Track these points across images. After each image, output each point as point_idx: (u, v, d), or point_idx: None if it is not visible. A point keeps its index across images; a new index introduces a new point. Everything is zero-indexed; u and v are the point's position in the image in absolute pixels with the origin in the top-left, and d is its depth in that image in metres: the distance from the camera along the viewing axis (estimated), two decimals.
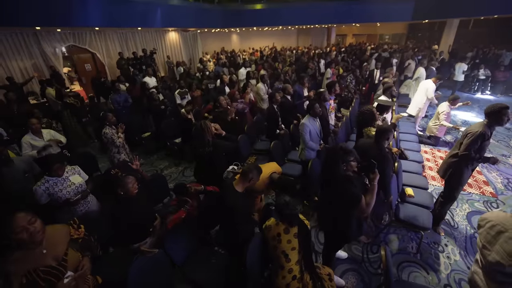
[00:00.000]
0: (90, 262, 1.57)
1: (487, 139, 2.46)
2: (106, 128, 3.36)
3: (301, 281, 1.78)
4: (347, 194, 1.81)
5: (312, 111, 2.91)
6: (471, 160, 2.54)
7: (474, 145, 2.44)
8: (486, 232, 1.44)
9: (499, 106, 2.36)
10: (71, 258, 1.47)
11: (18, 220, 1.31)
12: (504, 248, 1.32)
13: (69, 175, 2.19)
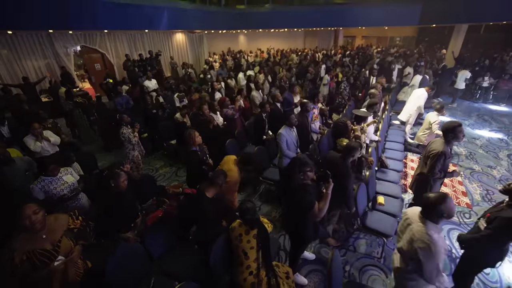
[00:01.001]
0: (80, 250, 1.86)
1: (448, 157, 2.61)
2: (123, 128, 3.81)
3: (257, 277, 2.01)
4: (301, 201, 2.03)
5: (288, 122, 3.13)
6: (437, 179, 2.70)
7: (438, 165, 2.59)
8: (401, 224, 1.79)
9: (453, 124, 2.53)
10: (64, 245, 1.75)
11: (27, 209, 1.60)
12: (407, 237, 1.63)
13: (63, 175, 2.51)
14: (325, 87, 7.40)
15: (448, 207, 1.55)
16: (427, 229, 1.58)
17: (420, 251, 1.57)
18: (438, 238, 1.55)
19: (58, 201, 2.44)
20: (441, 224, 1.71)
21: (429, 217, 1.61)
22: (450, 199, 1.58)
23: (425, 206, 1.64)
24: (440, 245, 1.53)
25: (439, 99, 8.93)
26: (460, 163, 4.83)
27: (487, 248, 1.97)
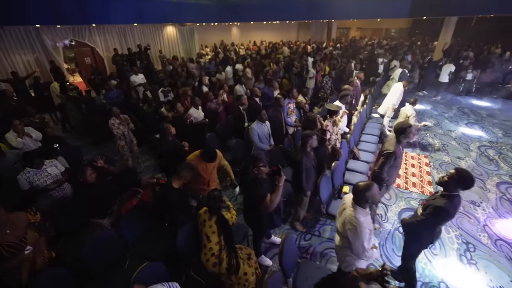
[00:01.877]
0: (45, 241, 2.09)
1: (399, 156, 2.82)
2: (112, 119, 4.09)
3: (218, 258, 2.25)
4: (254, 193, 2.26)
5: (259, 117, 3.33)
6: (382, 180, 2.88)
7: (388, 164, 2.79)
8: (339, 208, 2.03)
9: (404, 125, 2.74)
10: (30, 237, 1.98)
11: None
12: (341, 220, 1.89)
13: (47, 167, 2.71)
14: (311, 80, 7.54)
15: (372, 194, 1.77)
16: (356, 213, 1.81)
17: (349, 232, 1.81)
18: (364, 220, 1.79)
19: (42, 191, 2.65)
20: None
21: (358, 203, 1.84)
22: (375, 187, 1.80)
23: (354, 193, 1.87)
24: (365, 226, 1.76)
25: (424, 92, 9.14)
26: (432, 154, 5.08)
27: (421, 231, 2.21)
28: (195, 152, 2.76)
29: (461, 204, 2.11)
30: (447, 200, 2.00)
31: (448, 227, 3.32)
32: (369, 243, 1.85)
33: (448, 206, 1.97)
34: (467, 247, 3.04)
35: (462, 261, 2.86)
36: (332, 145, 3.50)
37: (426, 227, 2.17)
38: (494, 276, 2.69)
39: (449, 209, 1.97)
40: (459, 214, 3.52)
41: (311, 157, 2.75)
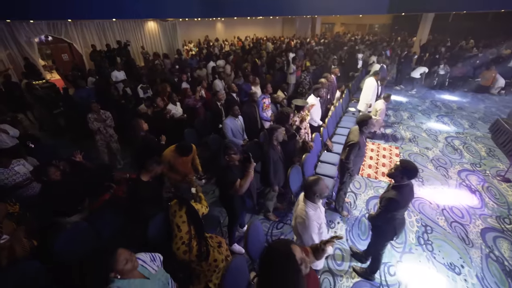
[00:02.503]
0: (23, 231, 2.13)
1: (362, 146, 3.01)
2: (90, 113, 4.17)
3: (188, 246, 2.36)
4: (224, 179, 2.38)
5: (232, 112, 3.44)
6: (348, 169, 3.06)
7: (353, 153, 2.97)
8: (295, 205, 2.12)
9: (366, 117, 2.92)
10: (6, 226, 2.02)
11: None
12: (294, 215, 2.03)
13: (15, 166, 2.72)
14: (291, 76, 7.69)
15: (320, 188, 1.88)
16: (306, 207, 1.92)
17: (298, 226, 1.94)
18: (313, 214, 1.90)
19: (11, 189, 2.66)
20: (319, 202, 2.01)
21: (308, 197, 1.95)
22: (322, 182, 1.91)
23: (304, 188, 1.98)
24: (313, 219, 1.87)
25: (401, 86, 9.49)
26: (403, 145, 5.36)
27: (381, 224, 2.36)
28: (171, 146, 2.84)
29: (413, 192, 2.27)
30: (397, 191, 2.14)
31: (411, 212, 3.57)
32: (319, 237, 1.95)
33: (397, 197, 2.10)
34: (425, 229, 3.29)
35: (420, 242, 3.11)
36: (302, 139, 3.66)
37: (385, 220, 2.29)
38: (446, 253, 2.94)
39: (399, 200, 2.10)
40: (421, 200, 3.78)
41: (278, 151, 2.89)
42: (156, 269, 1.70)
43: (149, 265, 1.68)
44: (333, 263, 2.88)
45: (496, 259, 2.88)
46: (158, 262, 1.78)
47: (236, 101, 4.76)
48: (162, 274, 1.74)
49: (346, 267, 2.84)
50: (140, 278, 1.57)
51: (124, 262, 1.45)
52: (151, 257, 1.75)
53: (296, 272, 1.17)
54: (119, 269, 1.43)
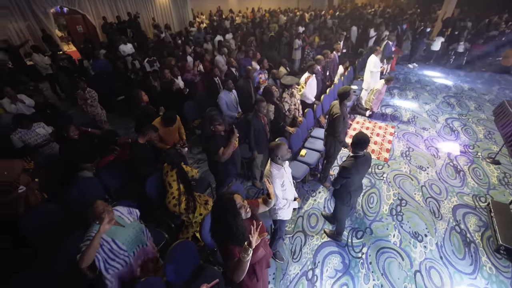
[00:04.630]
0: (37, 184, 2.61)
1: (346, 117, 3.19)
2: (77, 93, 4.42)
3: (178, 200, 2.78)
4: (209, 147, 2.71)
5: (226, 86, 3.67)
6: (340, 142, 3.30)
7: (340, 125, 3.17)
8: None
9: (346, 89, 3.06)
10: (23, 179, 2.50)
11: None
12: None
13: (36, 128, 3.18)
14: (297, 51, 7.62)
15: (280, 151, 2.16)
16: (271, 167, 2.22)
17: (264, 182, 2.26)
18: (276, 174, 2.19)
19: (34, 148, 3.15)
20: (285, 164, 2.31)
21: (272, 159, 2.24)
22: (284, 147, 2.17)
23: (269, 151, 2.27)
24: (276, 177, 2.17)
25: (414, 64, 9.13)
26: (399, 125, 5.41)
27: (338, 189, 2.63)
28: (157, 118, 3.19)
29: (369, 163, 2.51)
30: (351, 161, 2.40)
31: (390, 187, 3.80)
32: (283, 193, 2.26)
33: (349, 165, 2.37)
34: (400, 202, 3.53)
35: (392, 213, 3.38)
36: (292, 114, 3.86)
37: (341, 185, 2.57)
38: (413, 224, 3.21)
39: (350, 167, 2.36)
40: (403, 177, 3.98)
41: (261, 121, 3.15)
42: (131, 220, 2.05)
43: (126, 216, 2.03)
44: (308, 225, 3.25)
45: (459, 231, 3.12)
46: (135, 215, 2.13)
47: (233, 76, 4.94)
48: (137, 225, 2.08)
49: (318, 229, 3.20)
50: (115, 225, 1.91)
51: (101, 211, 1.77)
52: (129, 210, 2.10)
53: (235, 214, 1.50)
54: (97, 216, 1.77)
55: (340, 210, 2.76)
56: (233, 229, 1.47)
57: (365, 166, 2.48)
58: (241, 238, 1.48)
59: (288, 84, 3.68)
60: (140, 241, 2.08)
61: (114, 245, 1.83)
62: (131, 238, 1.97)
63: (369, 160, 2.50)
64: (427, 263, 2.78)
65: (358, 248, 2.96)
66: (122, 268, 1.92)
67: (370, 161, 2.54)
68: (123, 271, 1.94)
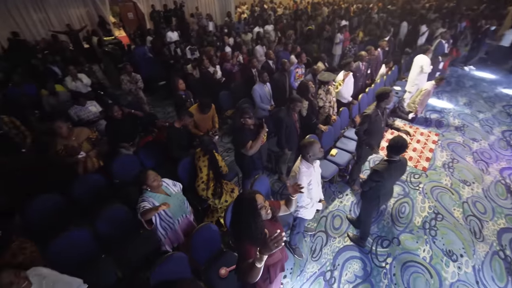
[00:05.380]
0: (95, 153, 2.92)
1: (374, 120, 2.98)
2: (123, 74, 4.69)
3: (206, 185, 2.91)
4: (237, 139, 2.77)
5: (261, 78, 3.68)
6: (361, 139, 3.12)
7: (363, 126, 3.01)
8: None
9: (385, 90, 2.86)
10: (84, 146, 2.82)
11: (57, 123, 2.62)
12: None
13: (88, 106, 3.54)
14: (337, 46, 7.29)
15: (312, 149, 2.11)
16: (300, 164, 2.19)
17: (291, 178, 2.25)
18: (305, 171, 2.16)
19: (86, 123, 3.52)
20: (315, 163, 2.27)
21: (303, 156, 2.21)
22: (316, 145, 2.12)
23: (300, 148, 2.23)
24: (303, 175, 2.14)
25: (471, 67, 8.18)
26: (445, 133, 4.95)
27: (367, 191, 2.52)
28: (194, 105, 3.33)
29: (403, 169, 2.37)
30: (384, 165, 2.27)
31: (426, 198, 3.54)
32: (308, 191, 2.23)
33: (381, 169, 2.25)
34: (436, 216, 3.28)
35: (424, 226, 3.15)
36: (326, 112, 3.75)
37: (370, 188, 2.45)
38: (448, 241, 2.97)
39: (382, 171, 2.24)
40: (442, 189, 3.67)
41: (293, 119, 3.11)
42: (175, 191, 2.30)
43: (171, 187, 2.28)
44: (331, 226, 3.19)
45: (504, 258, 2.81)
46: (178, 187, 2.38)
47: (270, 68, 4.91)
48: (180, 195, 2.36)
49: (342, 232, 3.12)
50: (163, 194, 2.16)
51: (152, 180, 2.02)
52: (173, 182, 2.35)
53: (255, 214, 1.48)
54: (148, 184, 2.00)
55: (366, 213, 2.67)
56: (251, 228, 1.46)
57: (398, 172, 2.35)
58: (259, 239, 1.46)
59: (324, 81, 3.57)
60: (183, 211, 2.36)
61: (163, 211, 2.10)
62: (176, 207, 2.23)
63: (404, 166, 2.36)
64: (460, 285, 2.57)
65: (382, 257, 2.84)
66: (171, 230, 2.26)
67: (405, 168, 2.40)
68: (170, 234, 2.29)
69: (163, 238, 2.24)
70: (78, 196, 2.78)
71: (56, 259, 2.15)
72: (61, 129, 2.63)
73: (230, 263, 2.35)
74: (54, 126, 2.61)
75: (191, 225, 2.50)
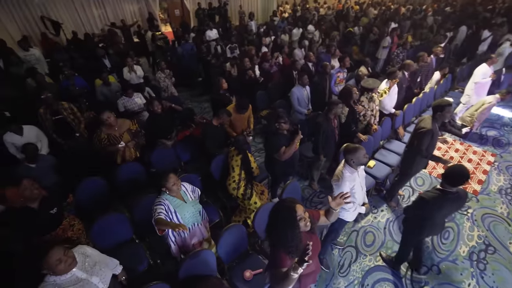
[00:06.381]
0: (134, 144, 3.11)
1: (436, 135, 2.72)
2: (158, 72, 4.95)
3: (237, 184, 2.93)
4: (271, 143, 2.73)
5: (300, 81, 3.58)
6: (423, 156, 2.84)
7: (425, 143, 2.74)
8: None
9: (443, 102, 2.57)
10: (125, 137, 3.01)
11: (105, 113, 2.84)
12: None
13: (135, 98, 3.78)
14: (384, 50, 6.84)
15: (356, 156, 2.00)
16: (344, 168, 2.09)
17: (333, 183, 2.15)
18: (348, 176, 2.05)
19: (131, 114, 3.77)
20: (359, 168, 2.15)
21: (346, 161, 2.10)
22: (361, 151, 1.99)
23: (343, 153, 2.12)
24: (346, 180, 2.04)
25: None
26: (503, 154, 4.37)
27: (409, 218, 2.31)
28: (231, 104, 3.36)
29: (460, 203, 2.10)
30: (435, 194, 2.01)
31: (475, 226, 3.16)
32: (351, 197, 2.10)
33: (431, 198, 1.99)
34: (486, 248, 2.91)
35: (471, 257, 2.82)
36: (367, 120, 3.54)
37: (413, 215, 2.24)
38: (500, 278, 2.61)
39: (430, 202, 1.98)
40: (496, 218, 3.24)
41: (332, 125, 2.97)
42: (193, 198, 2.29)
43: (189, 193, 2.27)
44: (362, 242, 3.01)
45: None
46: (197, 194, 2.36)
47: (309, 71, 4.78)
48: (196, 204, 2.32)
49: (374, 250, 2.92)
50: (180, 199, 2.17)
51: (172, 183, 2.02)
52: (192, 188, 2.33)
53: (294, 225, 1.42)
54: (168, 186, 2.03)
55: (406, 241, 2.44)
56: (287, 239, 1.41)
57: (454, 206, 2.09)
58: (295, 250, 1.42)
59: (369, 88, 3.36)
60: (196, 220, 2.30)
61: (175, 216, 2.08)
62: (189, 215, 2.21)
63: (463, 200, 2.07)
64: None
65: (418, 285, 2.60)
66: (180, 238, 2.21)
67: (463, 202, 2.12)
68: (179, 241, 2.24)
69: (172, 245, 2.21)
70: (119, 182, 2.99)
71: (97, 238, 2.34)
72: (109, 119, 2.84)
73: (255, 266, 2.33)
74: (103, 115, 2.82)
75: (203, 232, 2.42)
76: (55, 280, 1.45)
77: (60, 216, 2.16)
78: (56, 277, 1.45)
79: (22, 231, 1.91)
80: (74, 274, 1.49)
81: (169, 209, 2.06)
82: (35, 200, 2.01)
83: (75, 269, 1.50)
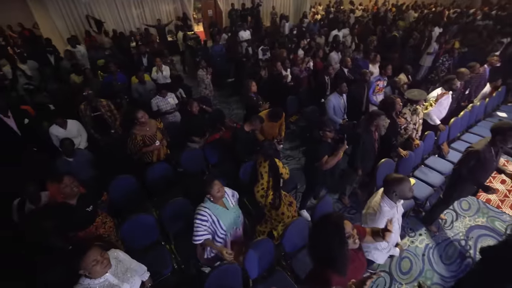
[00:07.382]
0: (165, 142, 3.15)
1: (484, 160, 2.35)
2: (200, 70, 4.93)
3: (266, 192, 2.82)
4: (314, 151, 2.60)
5: (339, 89, 3.38)
6: (462, 178, 2.53)
7: (466, 163, 2.43)
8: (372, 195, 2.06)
9: (505, 125, 2.23)
10: (158, 135, 3.04)
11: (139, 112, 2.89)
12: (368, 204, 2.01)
13: (168, 97, 3.83)
14: (428, 57, 6.33)
15: (401, 189, 1.76)
16: (382, 201, 1.86)
17: (368, 216, 1.93)
18: (387, 211, 1.83)
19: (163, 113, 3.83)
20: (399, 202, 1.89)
21: (386, 192, 1.85)
22: (406, 183, 1.76)
23: (384, 183, 1.87)
24: (385, 216, 1.81)
25: None
26: None
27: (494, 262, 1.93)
28: (264, 111, 3.26)
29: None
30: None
31: None
32: None
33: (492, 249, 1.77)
34: None
35: None
36: (408, 134, 3.26)
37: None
38: None
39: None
40: None
41: (373, 137, 2.76)
42: (233, 204, 2.23)
43: (230, 198, 2.22)
44: (397, 268, 2.76)
45: None
46: (236, 198, 2.31)
47: (346, 77, 4.54)
48: (237, 209, 2.27)
49: (411, 279, 2.67)
50: (222, 207, 2.12)
51: (217, 190, 1.98)
52: (232, 193, 2.28)
53: (342, 242, 1.32)
54: (213, 194, 1.98)
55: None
56: (335, 257, 1.32)
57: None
58: (342, 269, 1.32)
59: (413, 99, 3.09)
60: (236, 224, 2.27)
61: (219, 226, 2.05)
62: (231, 221, 2.17)
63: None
64: None
65: None
66: (221, 244, 2.18)
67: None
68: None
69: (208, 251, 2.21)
70: (149, 181, 3.03)
71: (127, 237, 2.37)
72: (143, 118, 2.88)
73: (281, 284, 2.22)
74: (138, 114, 2.87)
75: (239, 237, 2.41)
76: (89, 283, 1.45)
77: (95, 214, 2.21)
78: (90, 280, 1.45)
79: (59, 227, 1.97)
80: (107, 279, 1.48)
81: (211, 219, 2.03)
82: (74, 197, 2.07)
83: (108, 274, 1.49)
